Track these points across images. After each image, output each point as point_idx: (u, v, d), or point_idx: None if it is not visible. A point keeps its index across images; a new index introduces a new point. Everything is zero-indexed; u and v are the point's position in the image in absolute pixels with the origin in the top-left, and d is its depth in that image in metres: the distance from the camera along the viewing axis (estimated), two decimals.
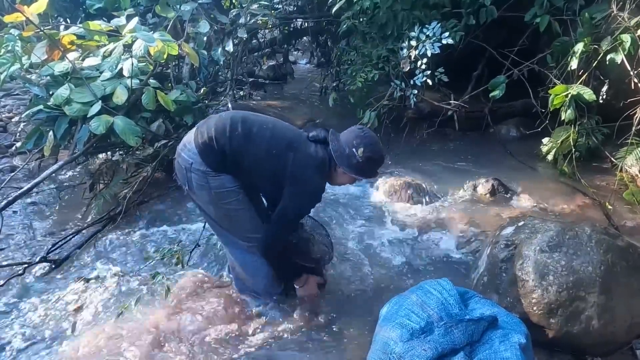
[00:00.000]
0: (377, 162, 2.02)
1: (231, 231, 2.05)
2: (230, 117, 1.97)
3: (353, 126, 2.06)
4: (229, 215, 2.00)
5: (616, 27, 2.95)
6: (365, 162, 1.95)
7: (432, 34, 3.41)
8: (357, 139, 1.95)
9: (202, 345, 2.00)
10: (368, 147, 1.94)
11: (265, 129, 1.97)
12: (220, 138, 1.90)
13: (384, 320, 1.59)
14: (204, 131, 1.92)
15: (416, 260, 2.62)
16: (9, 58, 2.70)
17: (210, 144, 1.89)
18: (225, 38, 3.86)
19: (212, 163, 1.90)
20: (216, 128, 1.91)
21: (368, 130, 2.01)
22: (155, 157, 3.17)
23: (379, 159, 2.02)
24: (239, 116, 1.98)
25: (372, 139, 1.98)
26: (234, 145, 1.90)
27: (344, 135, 2.01)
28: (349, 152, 1.94)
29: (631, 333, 1.91)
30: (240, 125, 1.93)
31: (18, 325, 2.16)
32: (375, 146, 1.98)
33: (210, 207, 1.99)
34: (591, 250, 1.91)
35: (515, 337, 1.43)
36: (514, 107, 4.50)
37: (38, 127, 2.84)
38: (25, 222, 3.08)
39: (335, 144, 1.97)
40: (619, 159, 3.20)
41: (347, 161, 1.95)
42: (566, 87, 3.04)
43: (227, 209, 1.97)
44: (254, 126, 1.95)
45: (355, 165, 1.96)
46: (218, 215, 2.01)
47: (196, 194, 1.97)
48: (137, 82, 2.82)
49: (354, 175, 2.02)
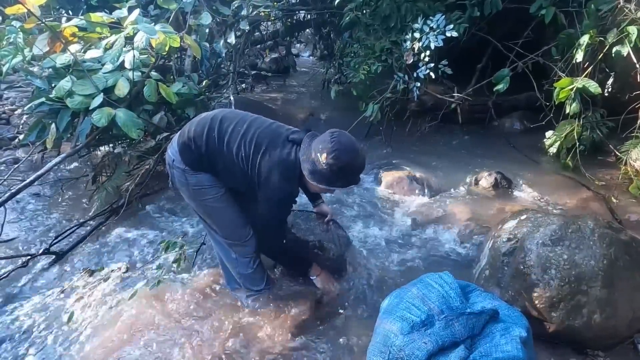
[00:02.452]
0: (345, 171, 1.76)
1: (213, 227, 2.06)
2: (211, 117, 1.94)
3: (331, 129, 1.82)
4: (207, 212, 2.01)
5: (622, 19, 2.91)
6: (329, 170, 1.73)
7: (436, 26, 3.38)
8: (324, 144, 1.73)
9: (190, 343, 2.00)
10: (333, 153, 1.70)
11: (239, 130, 1.88)
12: (198, 139, 1.89)
13: (385, 313, 1.59)
14: (186, 130, 1.93)
15: (418, 254, 2.61)
16: (11, 50, 2.70)
17: (188, 144, 1.90)
18: (228, 30, 3.84)
19: (189, 162, 1.92)
20: (196, 129, 1.91)
21: (342, 134, 1.77)
22: (157, 150, 3.17)
23: (346, 167, 1.74)
24: (220, 116, 1.93)
25: (340, 144, 1.72)
26: (209, 148, 1.89)
27: (316, 139, 1.80)
28: (314, 157, 1.75)
29: (633, 327, 1.90)
30: (217, 127, 1.89)
31: (20, 316, 2.18)
32: (343, 153, 1.71)
33: (192, 202, 2.02)
34: (594, 244, 1.90)
35: (516, 331, 1.43)
36: (518, 100, 4.47)
37: (40, 119, 2.85)
38: (29, 214, 3.10)
39: (304, 147, 1.80)
40: (623, 152, 3.18)
41: (310, 167, 1.77)
42: (571, 80, 3.01)
43: (205, 205, 1.99)
44: (230, 127, 1.89)
45: (319, 173, 1.75)
46: (199, 210, 2.04)
47: (179, 189, 2.02)
48: (139, 74, 2.81)
49: (316, 184, 1.81)
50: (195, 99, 3.20)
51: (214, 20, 3.45)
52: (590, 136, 3.45)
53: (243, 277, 2.14)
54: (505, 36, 3.90)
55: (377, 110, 3.75)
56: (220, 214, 2.01)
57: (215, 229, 2.05)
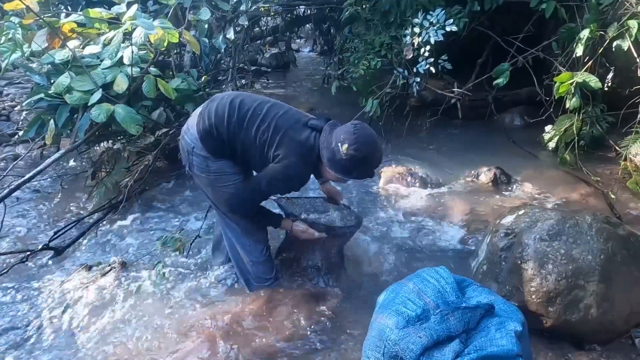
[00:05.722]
0: (363, 163, 1.81)
1: (228, 215, 2.08)
2: (229, 102, 1.94)
3: (353, 120, 1.89)
4: (227, 199, 2.02)
5: (623, 13, 2.89)
6: (348, 161, 1.77)
7: (436, 21, 3.37)
8: (346, 134, 1.78)
9: (191, 335, 2.01)
10: (354, 145, 1.75)
11: (258, 114, 1.91)
12: (220, 126, 1.91)
13: (381, 307, 1.59)
14: (206, 117, 1.93)
15: (416, 248, 2.62)
16: (9, 46, 2.70)
17: (210, 131, 1.91)
18: (227, 25, 3.84)
19: (211, 149, 1.94)
20: (216, 114, 1.92)
21: (364, 127, 1.82)
22: (156, 146, 3.18)
23: (364, 159, 1.80)
24: (238, 101, 1.95)
25: (362, 137, 1.78)
26: (230, 133, 1.91)
27: (337, 129, 1.84)
28: (334, 146, 1.79)
29: (630, 322, 1.90)
30: (236, 112, 1.91)
31: (19, 311, 2.19)
32: (364, 145, 1.77)
33: (209, 189, 2.03)
34: (591, 239, 1.90)
35: (511, 325, 1.43)
36: (518, 95, 4.45)
37: (39, 115, 2.85)
38: (28, 209, 3.11)
39: (325, 136, 1.84)
40: (623, 147, 3.16)
41: (329, 156, 1.81)
42: (571, 74, 3.00)
43: (223, 192, 2.00)
44: (249, 112, 1.92)
45: (338, 162, 1.80)
46: (216, 197, 2.05)
47: (197, 175, 2.02)
48: (138, 70, 2.81)
49: (333, 172, 1.87)
50: (194, 94, 3.20)
51: (213, 16, 3.43)
52: (590, 131, 3.44)
53: (255, 265, 2.16)
54: (506, 31, 3.88)
55: (377, 106, 3.75)
56: None
57: (230, 216, 2.07)
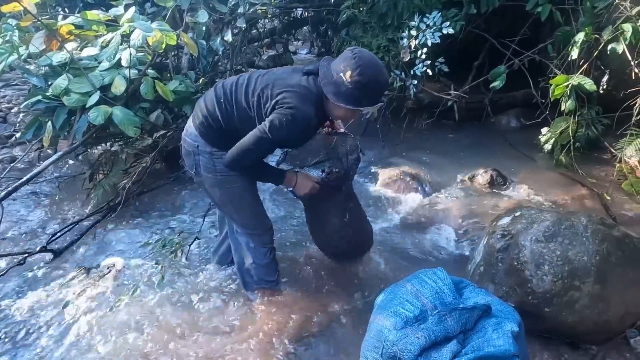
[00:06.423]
0: (370, 86, 1.69)
1: (234, 216, 2.07)
2: (213, 90, 1.92)
3: (349, 47, 1.76)
4: (231, 200, 2.00)
5: (618, 17, 2.92)
6: (355, 88, 1.66)
7: (433, 24, 3.39)
8: (346, 62, 1.67)
9: (191, 337, 2.02)
10: (357, 69, 1.64)
11: (242, 84, 1.85)
12: (212, 113, 1.87)
13: (379, 308, 1.60)
14: (199, 113, 1.91)
15: (413, 250, 2.63)
16: (7, 48, 2.70)
17: (206, 122, 1.88)
18: (225, 28, 3.84)
19: (214, 140, 1.89)
20: (206, 104, 1.90)
21: (362, 51, 1.71)
22: (154, 148, 3.17)
23: (371, 83, 1.68)
24: (220, 85, 1.92)
25: (363, 59, 1.66)
26: (224, 115, 1.86)
27: (335, 61, 1.75)
28: (337, 78, 1.68)
29: (625, 322, 1.92)
30: (222, 94, 1.87)
31: (16, 314, 2.18)
32: (368, 68, 1.66)
33: (216, 189, 1.98)
34: (587, 240, 1.91)
35: (508, 326, 1.44)
36: (514, 97, 4.47)
37: (37, 117, 2.85)
38: (26, 212, 3.10)
39: (323, 70, 1.73)
40: (618, 149, 3.18)
41: (334, 89, 1.70)
42: (567, 77, 3.02)
43: (230, 193, 1.97)
44: (233, 86, 1.87)
45: (344, 93, 1.68)
46: (222, 199, 2.01)
47: (203, 176, 1.96)
48: (136, 72, 2.81)
49: (343, 105, 1.72)
50: (192, 96, 3.20)
51: (211, 18, 3.44)
52: (586, 133, 3.46)
53: (259, 268, 2.13)
54: (502, 33, 3.91)
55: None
56: (245, 201, 2.01)
57: (236, 217, 2.05)
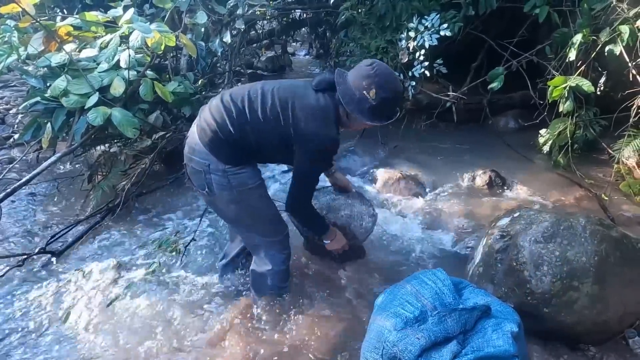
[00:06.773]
0: (395, 100, 1.80)
1: (252, 228, 2.00)
2: (220, 102, 1.84)
3: (361, 63, 1.81)
4: (250, 212, 1.93)
5: (615, 18, 2.93)
6: (380, 105, 1.74)
7: (431, 25, 3.40)
8: (367, 80, 1.73)
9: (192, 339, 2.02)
10: (381, 86, 1.72)
11: (255, 97, 1.82)
12: (223, 127, 1.79)
13: (379, 309, 1.61)
14: (206, 128, 1.81)
15: (413, 252, 2.63)
16: (5, 49, 2.70)
17: (217, 138, 1.79)
18: (223, 29, 3.84)
19: (227, 157, 1.81)
20: (214, 119, 1.80)
21: (379, 65, 1.77)
22: (153, 149, 3.17)
23: (395, 96, 1.79)
24: (227, 97, 1.85)
25: (384, 76, 1.74)
26: (237, 128, 1.79)
27: (352, 76, 1.78)
28: (360, 96, 1.74)
29: (624, 322, 1.93)
30: (232, 106, 1.81)
31: (15, 315, 2.18)
32: (390, 83, 1.75)
33: (232, 206, 1.90)
34: (585, 241, 1.92)
35: (507, 326, 1.45)
36: (512, 98, 4.49)
37: (36, 118, 2.84)
38: (25, 213, 3.09)
39: (342, 88, 1.77)
40: (616, 150, 3.20)
41: (359, 107, 1.76)
42: (565, 78, 3.04)
43: (249, 205, 1.91)
44: (245, 99, 1.82)
45: (370, 110, 1.76)
46: (239, 214, 1.94)
47: (216, 195, 1.87)
48: (135, 73, 2.81)
49: (370, 123, 1.81)
50: (191, 97, 3.21)
51: (209, 19, 3.44)
52: (584, 134, 3.47)
53: (276, 275, 2.08)
54: (500, 35, 3.92)
55: None
56: (263, 211, 1.96)
57: (255, 229, 1.99)
